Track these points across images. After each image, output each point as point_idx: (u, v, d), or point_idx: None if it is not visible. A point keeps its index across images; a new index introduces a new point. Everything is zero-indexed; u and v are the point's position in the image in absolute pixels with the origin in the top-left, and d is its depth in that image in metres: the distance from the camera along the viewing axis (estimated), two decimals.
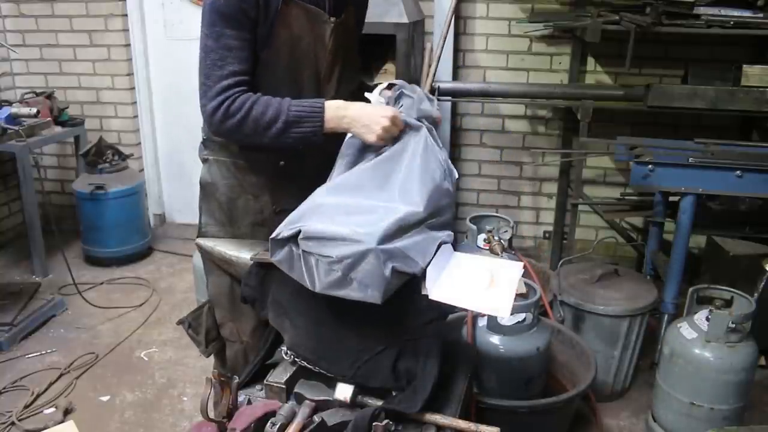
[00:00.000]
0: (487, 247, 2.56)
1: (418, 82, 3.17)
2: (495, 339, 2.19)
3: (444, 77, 3.58)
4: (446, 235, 1.52)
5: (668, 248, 2.80)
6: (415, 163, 1.55)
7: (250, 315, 1.75)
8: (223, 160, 1.77)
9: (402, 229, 1.39)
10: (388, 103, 1.69)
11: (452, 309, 1.46)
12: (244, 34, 1.55)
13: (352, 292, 1.32)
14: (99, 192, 3.76)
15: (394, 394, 1.45)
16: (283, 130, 1.56)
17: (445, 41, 3.09)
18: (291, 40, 1.62)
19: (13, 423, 2.53)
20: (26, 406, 2.63)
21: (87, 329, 3.26)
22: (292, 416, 1.38)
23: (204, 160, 1.82)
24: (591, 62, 3.62)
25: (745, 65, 2.94)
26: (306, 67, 1.69)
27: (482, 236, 2.62)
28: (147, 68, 4.24)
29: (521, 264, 1.58)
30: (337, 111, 1.58)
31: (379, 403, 1.42)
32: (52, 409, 2.62)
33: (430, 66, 3.09)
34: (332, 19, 1.67)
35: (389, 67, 3.24)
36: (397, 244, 1.35)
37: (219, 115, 1.55)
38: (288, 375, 1.51)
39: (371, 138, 1.56)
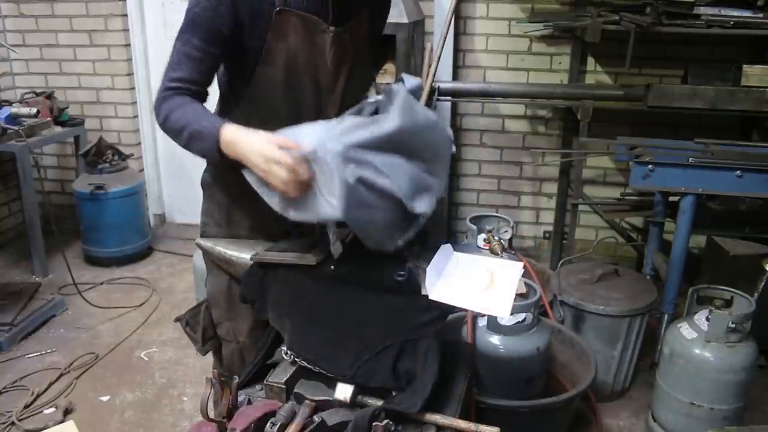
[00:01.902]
0: (487, 247, 2.56)
1: None
2: (495, 339, 2.19)
3: (444, 77, 3.58)
4: (437, 182, 1.45)
5: (668, 248, 2.79)
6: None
7: (247, 315, 1.75)
8: (223, 161, 1.76)
9: (379, 145, 1.34)
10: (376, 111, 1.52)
11: (452, 309, 1.46)
12: (208, 47, 1.52)
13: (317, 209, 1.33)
14: (99, 192, 3.76)
15: (394, 394, 1.45)
16: (188, 141, 1.51)
17: (445, 41, 3.09)
18: (287, 52, 1.56)
19: (13, 423, 2.54)
20: (26, 406, 2.63)
21: (87, 329, 3.26)
22: (292, 416, 1.37)
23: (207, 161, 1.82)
24: (591, 62, 3.62)
25: (745, 65, 2.94)
26: (305, 80, 1.62)
27: (482, 236, 2.62)
28: (147, 68, 4.24)
29: (521, 264, 1.58)
30: (232, 139, 1.46)
31: (379, 403, 1.42)
32: (52, 409, 2.62)
33: (430, 66, 3.09)
34: (332, 28, 1.58)
35: (389, 67, 3.24)
36: (368, 155, 1.31)
37: (155, 111, 1.57)
38: (288, 375, 1.51)
39: (268, 179, 1.41)
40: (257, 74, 1.58)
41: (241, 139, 1.44)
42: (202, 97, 1.59)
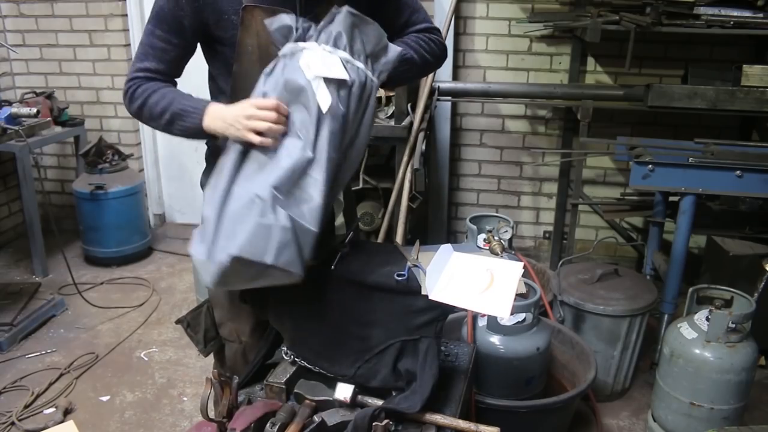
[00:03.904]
0: (487, 247, 2.56)
1: (418, 82, 3.18)
2: (495, 339, 2.19)
3: (444, 77, 3.58)
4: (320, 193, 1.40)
5: (668, 248, 2.80)
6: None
7: (248, 315, 1.75)
8: (206, 140, 1.76)
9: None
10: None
11: (452, 309, 1.46)
12: (172, 38, 1.57)
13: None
14: (99, 192, 3.76)
15: (394, 394, 1.45)
16: (170, 122, 1.57)
17: (444, 41, 3.09)
18: (259, 47, 1.55)
19: (13, 423, 2.54)
20: (26, 406, 2.63)
21: (87, 329, 3.26)
22: (292, 416, 1.38)
23: (207, 162, 1.82)
24: (591, 62, 3.62)
25: (745, 65, 2.94)
26: None
27: (482, 236, 2.62)
28: None
29: (521, 264, 1.57)
30: (216, 112, 1.51)
31: (379, 403, 1.42)
32: (52, 409, 2.62)
33: None
34: (301, 19, 1.51)
35: None
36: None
37: (126, 100, 1.61)
38: (288, 375, 1.51)
39: (247, 137, 1.42)
40: (234, 70, 1.59)
41: (224, 110, 1.49)
42: (171, 85, 1.63)
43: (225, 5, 1.53)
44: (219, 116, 1.50)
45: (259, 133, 1.40)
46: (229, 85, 1.61)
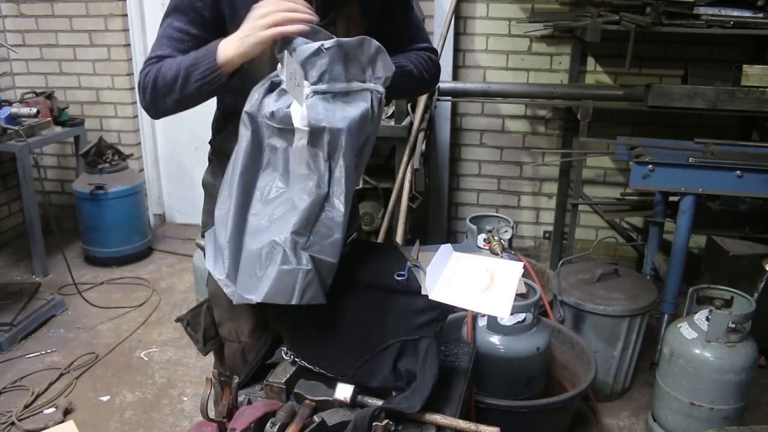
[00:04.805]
0: (487, 247, 2.56)
1: None
2: (495, 339, 2.19)
3: (444, 77, 3.57)
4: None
5: (668, 248, 2.80)
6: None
7: (248, 315, 1.75)
8: (226, 162, 1.76)
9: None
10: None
11: (452, 309, 1.46)
12: (189, 29, 1.52)
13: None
14: (99, 192, 3.76)
15: (394, 394, 1.45)
16: (186, 78, 1.47)
17: (445, 41, 3.09)
18: (271, 48, 1.50)
19: (13, 423, 2.54)
20: (26, 406, 2.63)
21: (87, 329, 3.26)
22: (292, 416, 1.37)
23: (209, 161, 1.82)
24: (591, 62, 3.62)
25: (745, 65, 2.94)
26: None
27: (482, 236, 2.62)
28: None
29: (521, 264, 1.57)
30: (226, 42, 1.44)
31: (379, 403, 1.42)
32: (52, 409, 2.63)
33: None
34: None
35: None
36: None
37: (140, 90, 1.54)
38: (288, 375, 1.51)
39: (271, 34, 1.36)
40: (244, 69, 1.56)
41: (233, 35, 1.42)
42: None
43: (239, 1, 1.51)
44: (230, 41, 1.43)
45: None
46: (238, 84, 1.61)
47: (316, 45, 1.34)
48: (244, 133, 1.44)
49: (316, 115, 1.34)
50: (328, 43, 1.34)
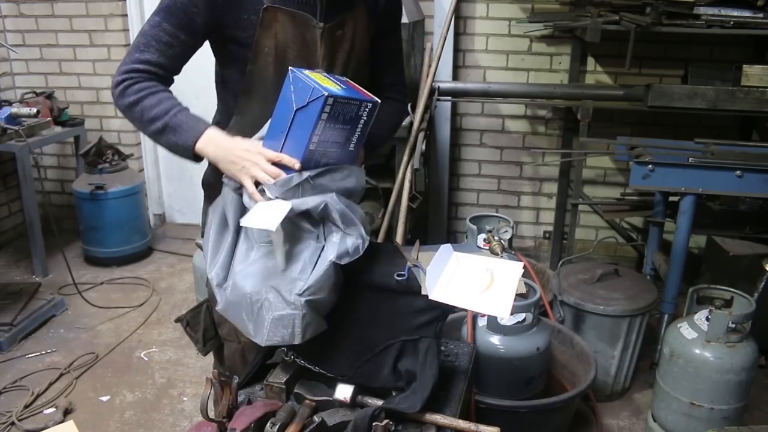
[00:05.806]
0: (487, 247, 2.56)
1: (417, 82, 3.18)
2: (495, 339, 2.19)
3: (444, 77, 3.59)
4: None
5: (668, 248, 2.80)
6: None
7: None
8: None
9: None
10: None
11: (452, 309, 1.46)
12: (180, 34, 1.51)
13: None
14: (99, 192, 3.76)
15: (394, 394, 1.45)
16: (161, 131, 1.50)
17: (445, 41, 3.09)
18: (276, 50, 1.55)
19: (13, 423, 2.54)
20: (26, 406, 2.63)
21: (87, 329, 3.26)
22: (292, 416, 1.37)
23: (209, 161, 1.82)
24: (591, 62, 3.62)
25: (745, 65, 2.94)
26: None
27: (482, 236, 2.62)
28: None
29: (521, 264, 1.57)
30: (215, 138, 1.49)
31: (379, 403, 1.42)
32: (52, 409, 2.63)
33: (430, 66, 3.10)
34: (321, 24, 1.56)
35: None
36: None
37: (117, 91, 1.52)
38: (288, 375, 1.51)
39: (245, 182, 1.44)
40: (248, 70, 1.57)
41: (227, 141, 1.49)
42: (168, 83, 1.58)
43: (246, 4, 1.51)
44: (219, 144, 1.48)
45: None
46: (240, 86, 1.60)
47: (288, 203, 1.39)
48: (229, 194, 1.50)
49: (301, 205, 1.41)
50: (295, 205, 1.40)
